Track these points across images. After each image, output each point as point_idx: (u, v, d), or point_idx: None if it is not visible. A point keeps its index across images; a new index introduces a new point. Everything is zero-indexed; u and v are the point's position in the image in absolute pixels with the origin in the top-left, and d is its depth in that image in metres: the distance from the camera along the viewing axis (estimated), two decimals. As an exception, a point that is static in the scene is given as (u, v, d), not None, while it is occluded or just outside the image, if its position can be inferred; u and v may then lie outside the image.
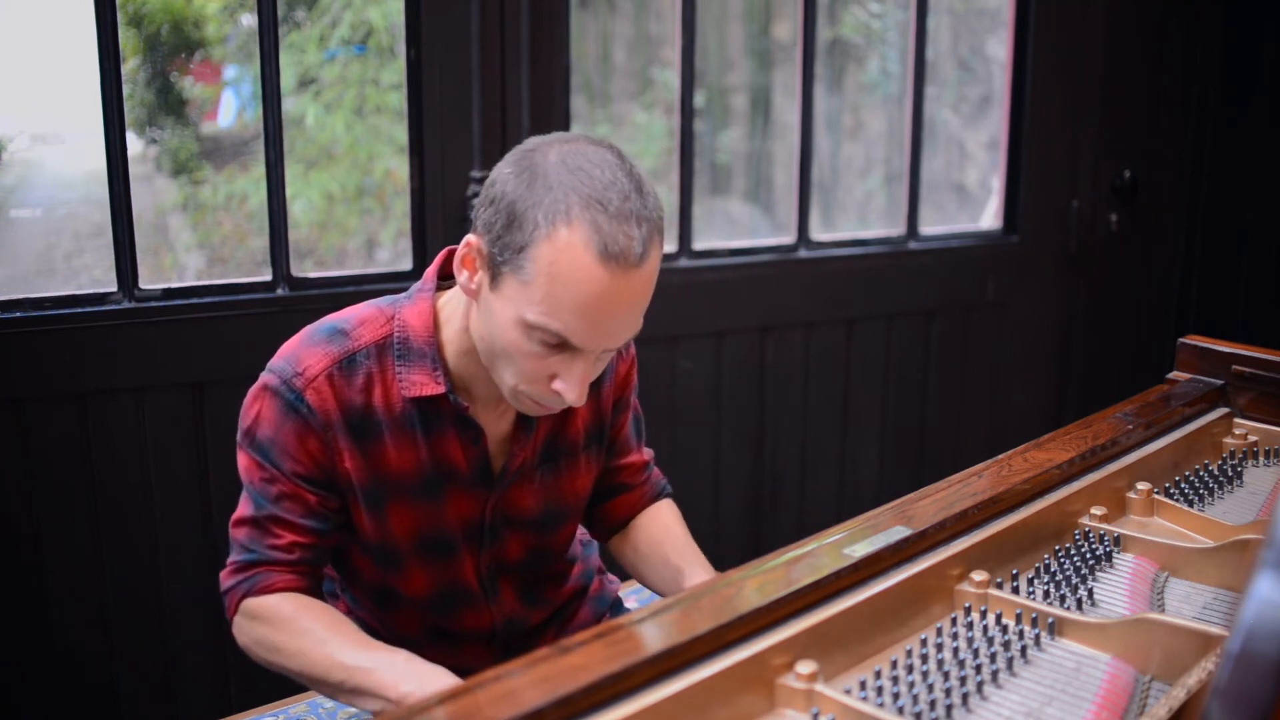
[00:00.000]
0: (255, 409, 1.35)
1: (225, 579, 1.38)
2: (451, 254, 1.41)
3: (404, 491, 1.38)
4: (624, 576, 1.79)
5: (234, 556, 1.38)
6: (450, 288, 1.40)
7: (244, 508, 1.37)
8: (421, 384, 1.34)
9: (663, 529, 1.57)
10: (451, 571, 1.44)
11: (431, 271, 1.40)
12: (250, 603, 1.35)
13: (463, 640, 1.49)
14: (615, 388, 1.53)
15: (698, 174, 2.91)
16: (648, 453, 1.63)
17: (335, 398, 1.32)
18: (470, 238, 1.26)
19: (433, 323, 1.36)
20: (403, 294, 1.41)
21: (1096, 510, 1.39)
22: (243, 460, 1.37)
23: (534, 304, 1.20)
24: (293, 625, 1.31)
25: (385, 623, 1.49)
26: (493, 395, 1.38)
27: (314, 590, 1.39)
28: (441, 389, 1.34)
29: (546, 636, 1.56)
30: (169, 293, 2.19)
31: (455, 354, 1.36)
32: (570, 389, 1.25)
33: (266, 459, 1.33)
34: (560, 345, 1.23)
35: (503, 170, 1.25)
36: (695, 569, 1.48)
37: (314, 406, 1.31)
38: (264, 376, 1.35)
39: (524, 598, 1.52)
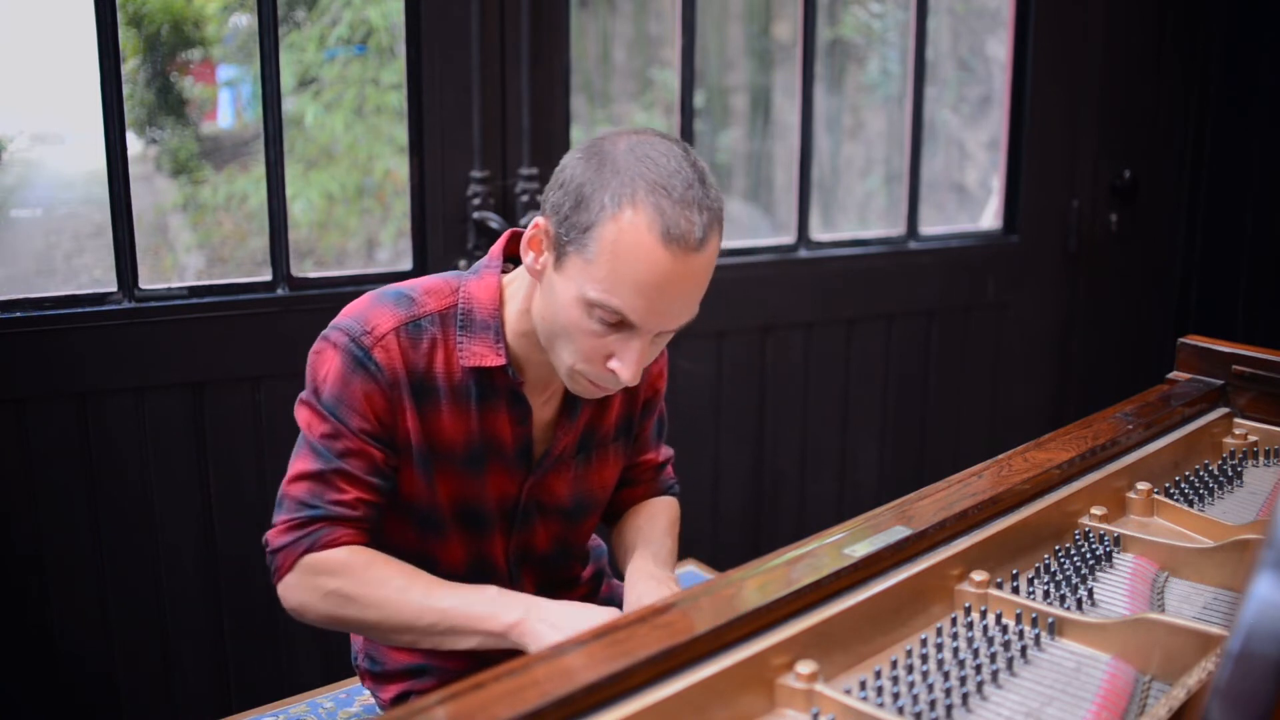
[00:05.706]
0: (322, 367, 1.36)
1: (277, 537, 1.35)
2: (516, 235, 1.46)
3: (452, 459, 1.41)
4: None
5: (289, 514, 1.35)
6: (514, 269, 1.44)
7: (304, 462, 1.35)
8: (482, 355, 1.38)
9: (648, 519, 1.60)
10: (483, 547, 1.47)
11: (497, 250, 1.44)
12: (314, 558, 1.33)
13: None
14: (648, 386, 1.58)
15: (698, 174, 2.90)
16: (665, 452, 1.67)
17: (402, 357, 1.36)
18: (539, 219, 1.31)
19: (498, 298, 1.40)
20: (467, 269, 1.45)
21: (1096, 510, 1.40)
22: (304, 415, 1.37)
23: (596, 281, 1.25)
24: (368, 575, 1.32)
25: None
26: (543, 379, 1.43)
27: (375, 548, 1.39)
28: (501, 360, 1.38)
29: None
30: (169, 293, 2.19)
31: (514, 334, 1.40)
32: (626, 368, 1.30)
33: (333, 415, 1.34)
34: (619, 324, 1.28)
35: (572, 157, 1.30)
36: (644, 553, 1.49)
37: (381, 364, 1.34)
38: (329, 334, 1.37)
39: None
